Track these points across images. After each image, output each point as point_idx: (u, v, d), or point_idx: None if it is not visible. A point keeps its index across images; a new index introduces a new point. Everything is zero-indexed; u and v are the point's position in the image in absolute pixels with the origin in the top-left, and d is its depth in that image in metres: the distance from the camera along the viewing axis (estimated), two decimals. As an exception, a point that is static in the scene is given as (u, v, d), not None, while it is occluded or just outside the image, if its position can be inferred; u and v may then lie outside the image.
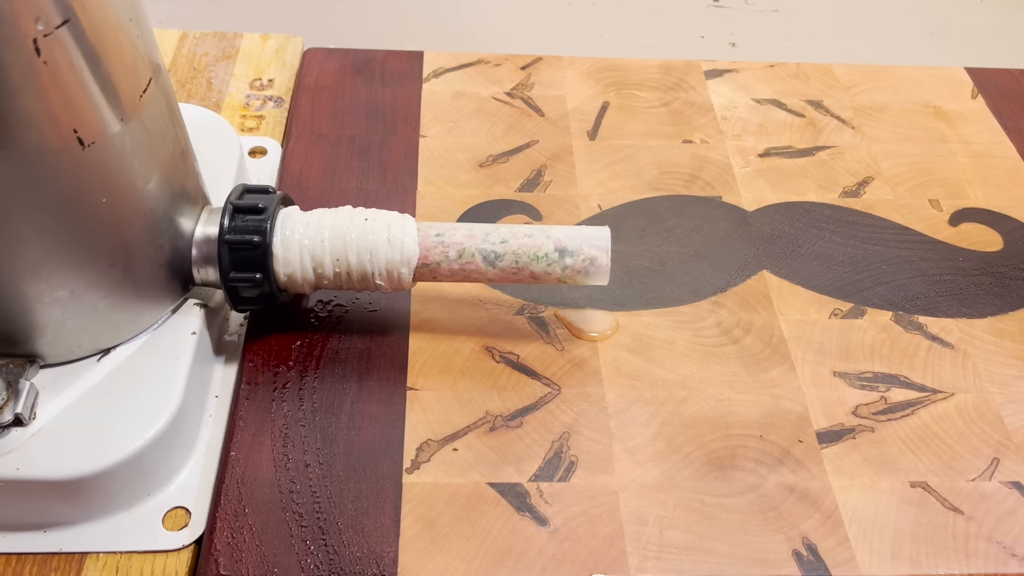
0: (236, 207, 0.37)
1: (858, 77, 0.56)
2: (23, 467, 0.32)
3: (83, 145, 0.30)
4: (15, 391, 0.33)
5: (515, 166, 0.49)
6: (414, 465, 0.37)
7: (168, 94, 0.35)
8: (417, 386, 0.39)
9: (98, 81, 0.30)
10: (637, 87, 0.55)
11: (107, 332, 0.35)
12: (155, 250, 0.35)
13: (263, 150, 0.50)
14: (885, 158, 0.51)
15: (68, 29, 0.28)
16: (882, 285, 0.45)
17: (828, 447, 0.38)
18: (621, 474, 0.37)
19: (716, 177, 0.49)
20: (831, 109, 0.54)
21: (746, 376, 0.41)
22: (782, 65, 0.57)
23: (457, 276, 0.38)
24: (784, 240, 0.47)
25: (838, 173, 0.50)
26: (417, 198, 0.47)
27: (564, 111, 0.53)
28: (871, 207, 0.48)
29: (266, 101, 0.53)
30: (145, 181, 0.33)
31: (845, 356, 0.42)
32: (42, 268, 0.32)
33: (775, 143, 0.52)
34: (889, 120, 0.54)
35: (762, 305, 0.43)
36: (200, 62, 0.55)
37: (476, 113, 0.52)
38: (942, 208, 0.49)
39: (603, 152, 0.50)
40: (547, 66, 0.55)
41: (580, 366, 0.40)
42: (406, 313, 0.42)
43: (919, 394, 0.40)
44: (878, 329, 0.43)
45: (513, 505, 0.36)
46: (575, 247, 0.38)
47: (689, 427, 0.39)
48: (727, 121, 0.53)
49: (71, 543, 0.34)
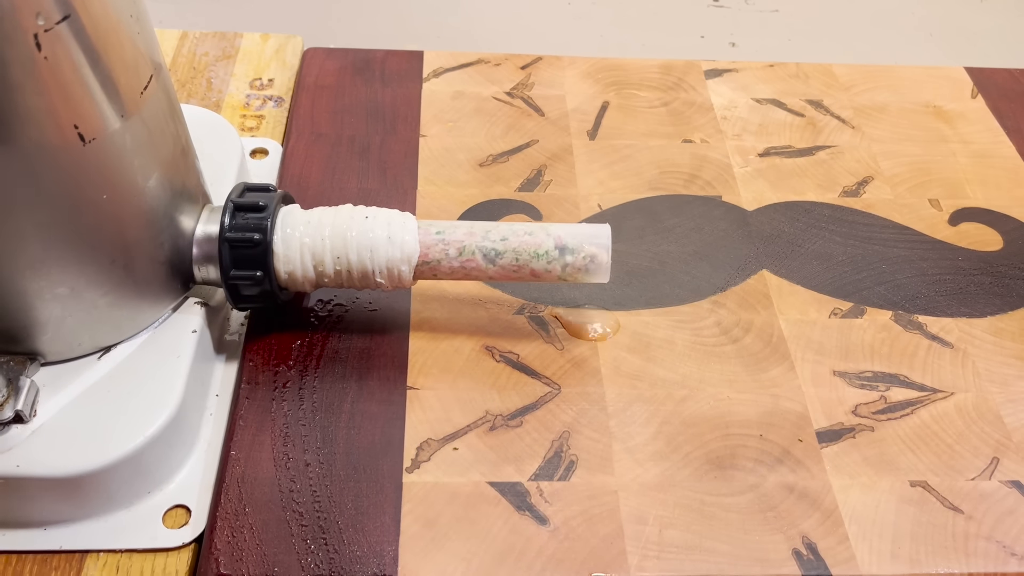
0: (237, 205, 0.37)
1: (858, 77, 0.56)
2: (23, 464, 0.32)
3: (84, 141, 0.30)
4: (15, 388, 0.32)
5: (515, 166, 0.49)
6: (414, 464, 0.37)
7: (169, 92, 0.35)
8: (417, 385, 0.39)
9: (99, 77, 0.30)
10: (637, 87, 0.55)
11: (107, 330, 0.35)
12: (155, 248, 0.35)
13: (264, 151, 0.50)
14: (885, 158, 0.51)
15: (68, 25, 0.28)
16: (882, 284, 0.45)
17: (828, 446, 0.38)
18: (621, 473, 0.37)
19: (716, 177, 0.50)
20: (831, 109, 0.54)
21: (746, 375, 0.41)
22: (782, 65, 0.57)
23: (457, 274, 0.38)
24: (784, 240, 0.47)
25: (838, 173, 0.50)
26: (417, 198, 0.47)
27: (564, 111, 0.53)
28: (871, 207, 0.49)
29: (266, 101, 0.53)
30: (146, 178, 0.33)
31: (845, 355, 0.42)
32: (42, 265, 0.32)
33: (775, 143, 0.52)
34: (889, 120, 0.54)
35: (762, 305, 0.43)
36: (200, 62, 0.55)
37: (476, 113, 0.52)
38: (942, 208, 0.49)
39: (603, 152, 0.50)
40: (547, 66, 0.56)
41: (580, 365, 0.40)
42: (406, 312, 0.42)
43: (919, 393, 0.40)
44: (878, 328, 0.43)
45: (513, 504, 0.36)
46: (575, 244, 0.38)
47: (689, 426, 0.39)
48: (727, 121, 0.53)
49: (71, 541, 0.34)
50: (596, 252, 0.37)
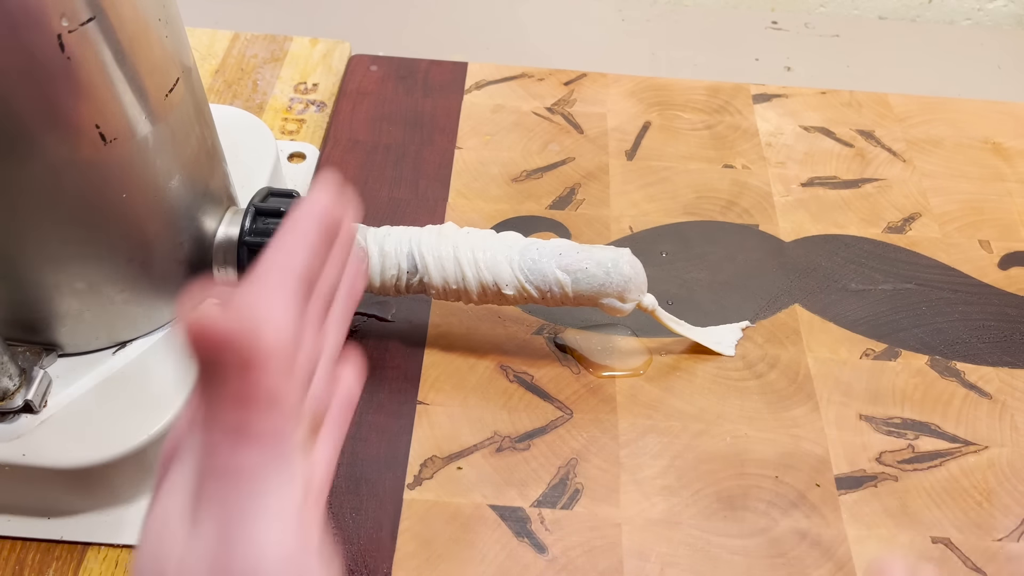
0: (259, 209, 0.37)
1: (914, 108, 0.54)
2: (29, 453, 0.32)
3: (105, 141, 0.31)
4: (28, 378, 0.33)
5: (548, 182, 0.49)
6: (416, 481, 0.36)
7: (197, 94, 0.35)
8: (428, 400, 0.39)
9: (122, 79, 0.30)
10: (681, 108, 0.54)
11: (124, 325, 0.36)
12: (174, 247, 0.35)
13: (302, 155, 0.50)
14: (935, 194, 0.49)
15: (94, 26, 0.29)
16: (920, 327, 0.43)
17: (847, 494, 0.37)
18: (627, 506, 0.36)
19: (755, 204, 0.48)
20: (882, 140, 0.52)
21: (767, 413, 0.39)
22: (835, 92, 0.55)
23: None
24: (820, 274, 0.45)
25: (883, 207, 0.48)
26: (447, 210, 0.47)
27: (604, 129, 0.52)
28: (915, 244, 0.47)
29: (308, 105, 0.54)
30: (167, 179, 0.34)
31: (874, 399, 0.40)
32: (60, 259, 0.32)
33: (820, 172, 0.50)
34: (943, 154, 0.52)
35: (791, 340, 0.42)
36: (248, 63, 0.56)
37: (514, 127, 0.52)
38: (992, 250, 0.47)
39: (640, 173, 0.49)
40: (591, 83, 0.55)
41: (595, 391, 0.40)
42: (424, 326, 0.42)
43: (950, 444, 0.39)
44: (911, 373, 0.41)
45: (513, 530, 0.35)
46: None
47: (702, 462, 0.37)
48: (771, 147, 0.51)
49: (73, 532, 0.34)
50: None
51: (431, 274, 0.37)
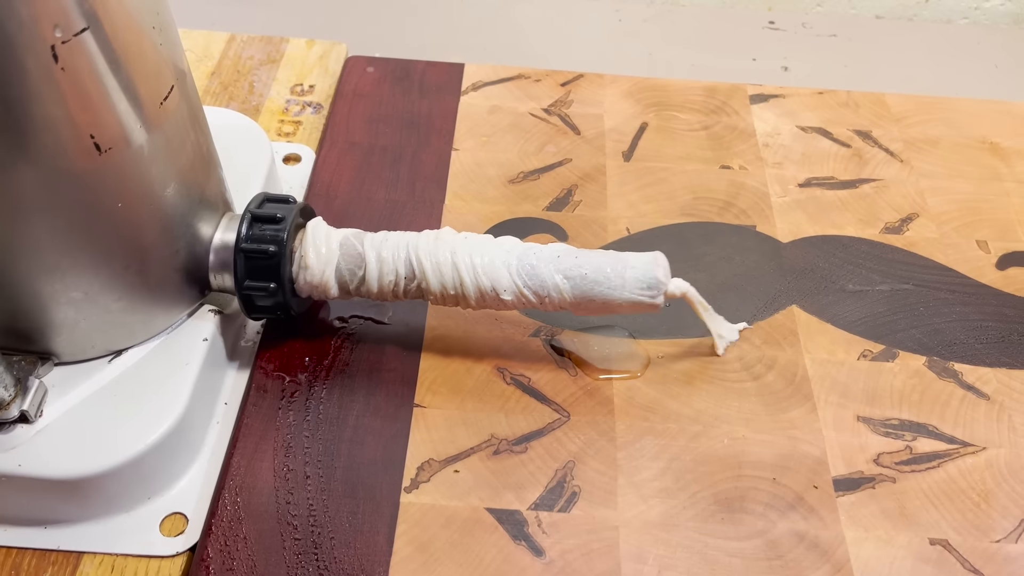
0: (255, 216, 0.37)
1: (911, 108, 0.54)
2: (25, 464, 0.32)
3: (100, 151, 0.31)
4: (24, 388, 0.33)
5: (545, 184, 0.49)
6: (413, 484, 0.36)
7: (191, 100, 0.35)
8: (424, 403, 0.39)
9: (117, 88, 0.30)
10: (678, 108, 0.53)
11: (121, 334, 0.36)
12: (171, 255, 0.35)
13: (297, 157, 0.50)
14: (933, 194, 0.49)
15: (87, 36, 0.29)
16: (918, 328, 0.43)
17: (844, 495, 0.37)
18: (624, 509, 0.36)
19: (752, 205, 0.48)
20: (880, 140, 0.52)
21: (764, 415, 0.39)
22: (832, 92, 0.55)
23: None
24: (818, 275, 0.45)
25: (881, 208, 0.48)
26: (443, 212, 0.47)
27: (601, 130, 0.52)
28: (913, 245, 0.47)
29: (305, 107, 0.54)
30: (163, 187, 0.34)
31: (871, 400, 0.40)
32: (57, 269, 0.32)
33: (817, 173, 0.50)
34: (940, 154, 0.51)
35: (788, 341, 0.42)
36: (245, 65, 0.56)
37: (511, 128, 0.52)
38: (990, 250, 0.47)
39: (637, 174, 0.49)
40: (588, 83, 0.55)
41: (592, 394, 0.40)
42: (421, 328, 0.42)
43: (948, 446, 0.39)
44: (909, 374, 0.41)
45: (510, 533, 0.35)
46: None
47: (699, 464, 0.37)
48: (768, 148, 0.51)
49: (69, 541, 0.34)
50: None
51: (429, 280, 0.37)
